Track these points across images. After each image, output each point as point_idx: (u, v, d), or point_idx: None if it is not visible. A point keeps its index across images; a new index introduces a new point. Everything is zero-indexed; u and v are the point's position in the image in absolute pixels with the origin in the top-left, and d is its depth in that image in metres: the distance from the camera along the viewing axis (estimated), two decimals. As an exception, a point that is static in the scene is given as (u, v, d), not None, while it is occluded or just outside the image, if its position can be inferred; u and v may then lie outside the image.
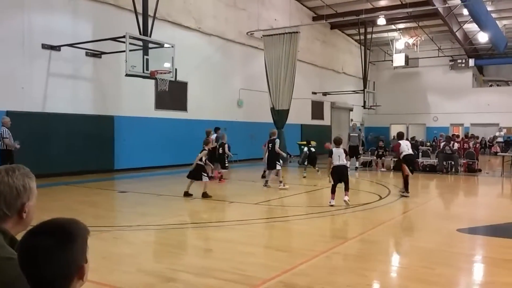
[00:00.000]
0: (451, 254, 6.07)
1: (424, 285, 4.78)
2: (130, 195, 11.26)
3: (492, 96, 33.78)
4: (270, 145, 12.70)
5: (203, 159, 10.59)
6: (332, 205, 9.22)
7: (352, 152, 18.85)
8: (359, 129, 23.97)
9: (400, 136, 11.83)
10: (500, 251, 6.30)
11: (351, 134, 19.50)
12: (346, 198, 9.37)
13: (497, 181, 15.76)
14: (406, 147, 11.11)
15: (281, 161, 12.87)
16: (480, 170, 17.65)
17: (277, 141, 12.71)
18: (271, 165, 12.56)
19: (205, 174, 10.51)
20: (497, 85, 36.48)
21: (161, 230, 7.32)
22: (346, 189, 9.45)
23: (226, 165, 13.60)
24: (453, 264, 5.60)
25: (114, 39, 13.04)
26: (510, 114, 31.56)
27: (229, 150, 13.71)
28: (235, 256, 5.81)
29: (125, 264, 5.47)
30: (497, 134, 31.23)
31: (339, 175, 9.45)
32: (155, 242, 6.91)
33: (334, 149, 9.70)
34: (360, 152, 20.01)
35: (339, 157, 9.48)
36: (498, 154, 22.84)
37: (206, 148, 10.83)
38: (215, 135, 14.40)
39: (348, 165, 9.79)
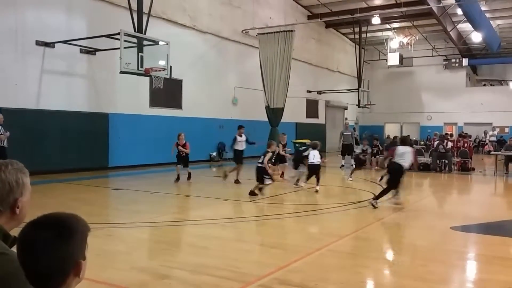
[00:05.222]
0: (444, 251, 6.11)
1: (417, 282, 4.81)
2: (124, 192, 11.22)
3: (485, 95, 33.93)
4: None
5: (265, 161, 10.49)
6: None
7: (345, 151, 18.93)
8: (353, 128, 23.88)
9: (404, 141, 10.08)
10: (492, 248, 6.35)
11: (344, 133, 19.55)
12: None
13: (490, 180, 15.86)
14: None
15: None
16: (473, 169, 17.74)
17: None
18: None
19: (267, 177, 10.44)
20: (491, 85, 36.66)
21: (155, 228, 7.31)
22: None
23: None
24: (446, 261, 5.63)
25: (108, 36, 12.98)
26: (503, 113, 31.74)
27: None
28: (229, 253, 5.82)
29: (119, 261, 5.45)
30: (490, 133, 31.42)
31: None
32: (149, 240, 6.91)
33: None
34: (354, 150, 20.04)
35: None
36: (492, 153, 22.95)
37: (270, 151, 10.81)
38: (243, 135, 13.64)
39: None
